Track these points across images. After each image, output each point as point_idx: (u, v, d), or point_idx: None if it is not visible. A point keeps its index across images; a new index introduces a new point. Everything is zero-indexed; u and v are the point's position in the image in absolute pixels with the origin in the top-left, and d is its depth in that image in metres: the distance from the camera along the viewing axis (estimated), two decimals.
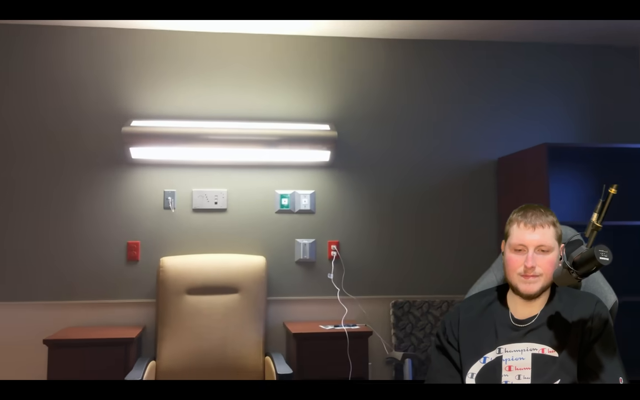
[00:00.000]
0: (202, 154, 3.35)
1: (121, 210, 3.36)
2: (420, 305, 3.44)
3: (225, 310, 3.14)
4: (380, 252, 3.56)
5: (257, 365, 3.09)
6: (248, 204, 3.47)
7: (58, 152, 3.34)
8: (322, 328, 3.16)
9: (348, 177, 3.56)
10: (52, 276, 3.28)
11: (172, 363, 3.01)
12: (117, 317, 3.29)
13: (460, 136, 3.66)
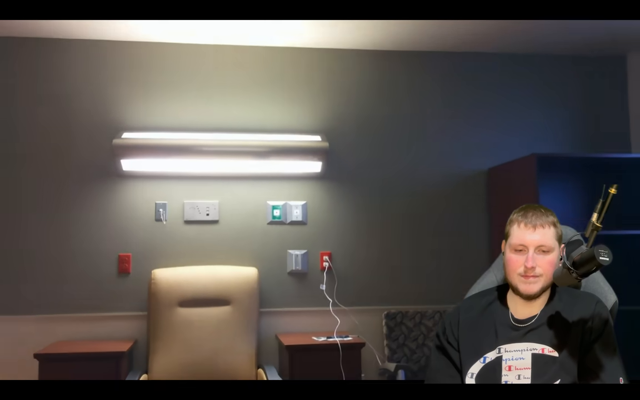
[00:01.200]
0: (193, 165, 3.35)
1: (112, 223, 3.35)
2: (412, 316, 3.44)
3: (217, 322, 3.13)
4: (373, 262, 3.56)
5: (250, 377, 3.08)
6: (240, 215, 3.46)
7: (49, 164, 3.32)
8: (314, 340, 3.15)
9: (339, 188, 3.57)
10: (42, 289, 3.26)
11: (164, 376, 2.99)
12: (108, 331, 3.27)
13: (450, 146, 3.68)
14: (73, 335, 3.24)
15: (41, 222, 3.29)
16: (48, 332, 3.21)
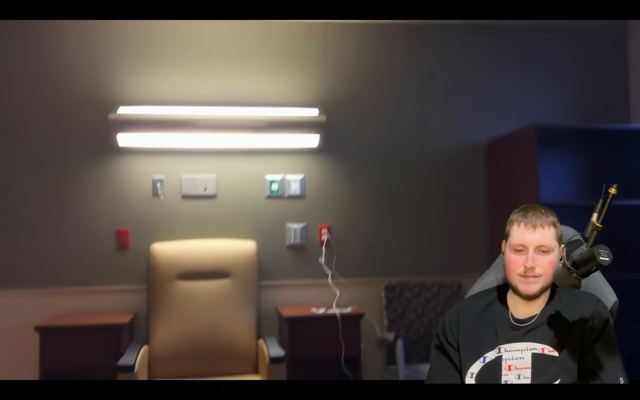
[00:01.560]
0: (190, 140, 3.34)
1: (110, 197, 3.35)
2: (412, 287, 3.45)
3: (217, 295, 3.14)
4: (371, 235, 3.56)
5: (250, 348, 3.10)
6: (238, 189, 3.46)
7: (45, 140, 3.32)
8: (314, 311, 3.16)
9: (337, 161, 3.56)
10: (42, 264, 3.27)
11: (164, 348, 3.01)
12: (108, 304, 3.28)
13: (449, 119, 3.67)
14: (73, 308, 3.26)
15: (39, 197, 3.29)
16: (48, 306, 3.23)
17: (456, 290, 3.48)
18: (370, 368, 3.42)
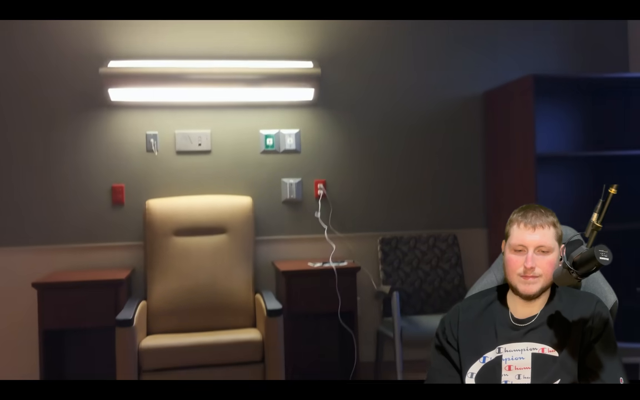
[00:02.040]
0: (183, 94, 3.29)
1: (103, 154, 3.31)
2: (407, 241, 3.47)
3: (214, 250, 3.15)
4: (367, 189, 3.56)
5: (247, 302, 3.13)
6: (232, 145, 3.43)
7: (36, 96, 3.26)
8: (310, 265, 3.18)
9: (333, 115, 3.53)
10: (37, 221, 3.26)
11: (162, 303, 3.03)
12: (105, 260, 3.29)
13: (445, 71, 3.62)
14: (70, 265, 3.26)
15: (32, 154, 3.26)
16: (45, 263, 3.23)
17: (451, 243, 3.50)
18: (367, 321, 3.46)
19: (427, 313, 3.39)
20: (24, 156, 3.26)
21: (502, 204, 3.51)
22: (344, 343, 3.30)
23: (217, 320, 3.05)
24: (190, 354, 2.72)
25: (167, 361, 2.69)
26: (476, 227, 3.66)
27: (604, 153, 3.43)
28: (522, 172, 3.29)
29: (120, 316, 2.65)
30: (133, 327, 2.63)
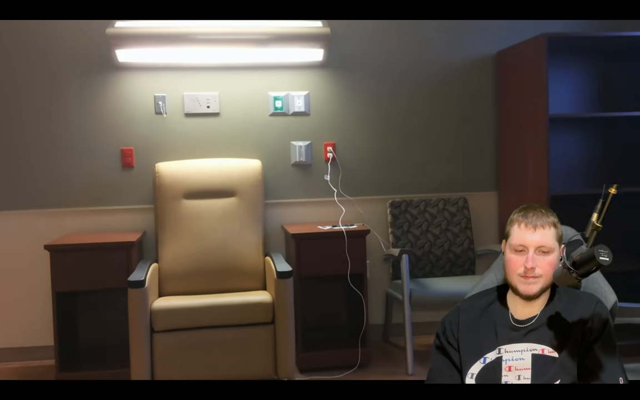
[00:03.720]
0: (191, 55, 3.25)
1: (112, 116, 3.30)
2: (417, 204, 3.46)
3: (224, 213, 3.15)
4: (377, 152, 3.53)
5: (257, 265, 3.15)
6: (241, 107, 3.41)
7: (44, 59, 3.24)
8: (320, 228, 3.19)
9: (343, 77, 3.48)
10: (48, 184, 3.27)
11: (173, 265, 3.06)
12: (116, 223, 3.31)
13: (457, 30, 3.55)
14: (82, 228, 3.29)
15: (41, 118, 3.25)
16: (57, 226, 3.26)
17: (461, 206, 3.49)
18: (376, 283, 3.48)
19: (436, 276, 3.40)
20: (34, 120, 3.25)
21: (514, 166, 3.48)
22: (353, 306, 3.32)
23: (227, 282, 3.08)
24: (201, 315, 2.75)
25: (179, 322, 2.73)
26: (487, 191, 3.64)
27: (617, 114, 3.37)
28: (534, 133, 3.25)
29: (133, 277, 2.67)
30: (145, 288, 2.66)
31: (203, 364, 2.73)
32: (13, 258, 3.25)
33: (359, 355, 3.10)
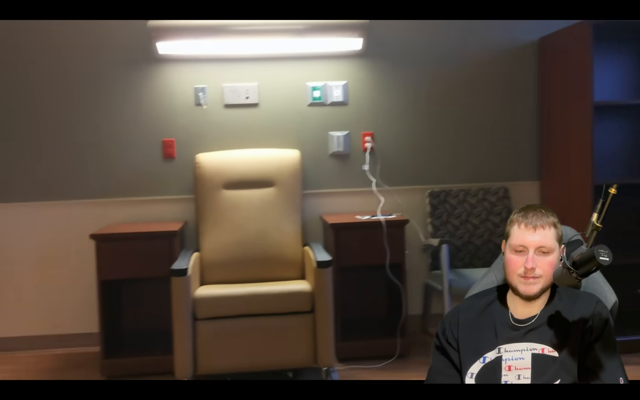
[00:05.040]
0: (230, 46, 3.28)
1: (153, 108, 3.36)
2: (456, 194, 3.42)
3: (262, 203, 3.18)
4: (415, 142, 3.51)
5: (297, 254, 3.16)
6: (279, 97, 3.42)
7: (87, 52, 3.31)
8: (358, 218, 3.18)
9: (381, 66, 3.46)
10: (92, 176, 3.35)
11: (214, 254, 3.10)
12: (158, 213, 3.38)
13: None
14: (125, 218, 3.36)
15: (84, 110, 3.33)
16: (100, 216, 3.34)
17: (502, 196, 3.43)
18: (415, 274, 3.46)
19: (476, 266, 3.37)
20: (80, 112, 3.33)
21: (556, 155, 3.40)
22: (392, 296, 3.31)
23: (267, 271, 3.10)
24: (243, 304, 2.78)
25: (221, 310, 2.76)
26: (529, 180, 3.58)
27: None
28: (579, 121, 3.17)
29: (175, 266, 2.72)
30: (188, 276, 2.71)
31: (244, 352, 2.77)
32: (60, 247, 3.35)
33: (397, 345, 3.10)
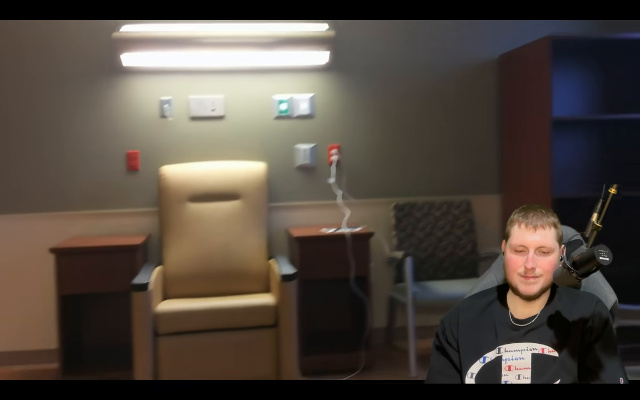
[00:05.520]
0: (197, 58, 3.27)
1: (117, 120, 3.32)
2: (421, 207, 3.46)
3: (228, 216, 3.17)
4: (381, 155, 3.54)
5: (261, 268, 3.16)
6: (246, 110, 3.42)
7: (50, 63, 3.26)
8: (324, 231, 3.19)
9: (347, 80, 3.49)
10: (53, 188, 3.30)
11: (178, 268, 3.07)
12: (121, 226, 3.33)
13: (460, 34, 3.55)
14: (87, 231, 3.31)
15: (47, 122, 3.28)
16: (62, 229, 3.28)
17: (465, 209, 3.49)
18: (380, 286, 3.48)
19: (440, 279, 3.40)
20: (39, 123, 3.27)
21: (517, 169, 3.47)
22: (357, 309, 3.33)
23: (231, 285, 3.09)
24: (205, 318, 2.76)
25: (183, 325, 2.74)
26: (490, 194, 3.64)
27: (621, 116, 3.37)
28: (538, 136, 3.24)
29: (137, 280, 2.69)
30: (149, 291, 2.68)
31: (206, 367, 2.75)
32: (18, 261, 3.27)
33: (362, 358, 3.11)
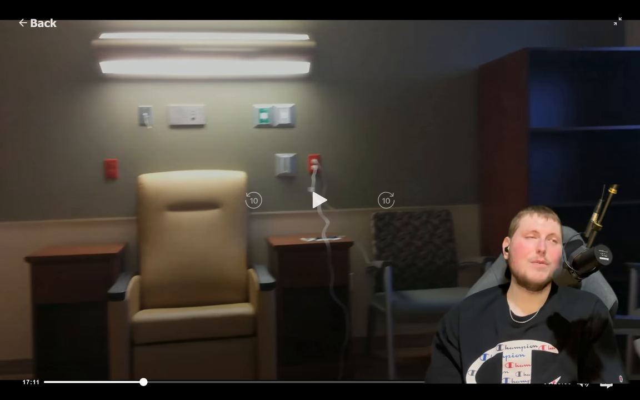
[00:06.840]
0: (177, 67, 3.26)
1: (95, 128, 3.30)
2: (400, 217, 3.47)
3: (207, 225, 3.15)
4: (361, 164, 3.55)
5: (240, 277, 3.14)
6: (226, 119, 3.41)
7: (28, 70, 3.22)
8: (303, 240, 3.19)
9: (328, 90, 3.50)
10: (30, 196, 3.25)
11: (155, 277, 3.04)
12: (98, 235, 3.29)
13: (441, 45, 3.59)
14: (64, 240, 3.26)
15: (24, 129, 3.24)
16: (38, 238, 3.23)
17: (444, 219, 3.50)
18: (359, 296, 3.48)
19: (419, 288, 3.41)
20: (16, 131, 3.23)
21: (495, 179, 3.51)
22: (336, 318, 3.32)
23: (209, 294, 3.07)
24: (182, 328, 2.74)
25: (160, 335, 2.71)
26: (469, 203, 3.67)
27: (598, 128, 3.42)
28: (516, 147, 3.28)
29: (113, 290, 2.66)
30: (125, 300, 2.65)
31: (184, 377, 2.72)
32: None
33: (341, 368, 3.10)
